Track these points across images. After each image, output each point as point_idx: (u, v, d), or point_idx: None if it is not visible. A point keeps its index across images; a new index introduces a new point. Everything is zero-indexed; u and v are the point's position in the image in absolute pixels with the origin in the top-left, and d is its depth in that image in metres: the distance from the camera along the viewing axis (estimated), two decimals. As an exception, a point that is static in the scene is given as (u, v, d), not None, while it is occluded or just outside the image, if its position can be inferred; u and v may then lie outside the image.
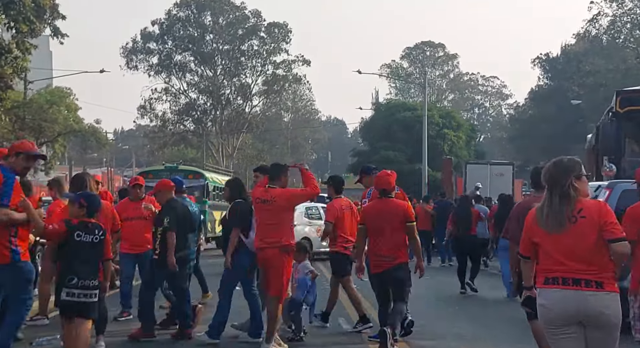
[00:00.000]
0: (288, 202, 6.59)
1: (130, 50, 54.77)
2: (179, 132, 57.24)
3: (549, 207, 3.85)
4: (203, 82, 56.27)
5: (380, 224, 6.57)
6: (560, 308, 3.74)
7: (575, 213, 3.82)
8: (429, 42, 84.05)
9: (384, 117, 40.11)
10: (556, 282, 3.75)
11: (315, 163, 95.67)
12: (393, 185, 6.78)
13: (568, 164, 3.91)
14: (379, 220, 6.57)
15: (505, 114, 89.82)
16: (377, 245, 6.61)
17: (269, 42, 55.22)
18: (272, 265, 6.50)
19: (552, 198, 3.85)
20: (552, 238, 3.83)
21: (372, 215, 6.67)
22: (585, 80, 48.58)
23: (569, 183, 3.83)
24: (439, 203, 18.19)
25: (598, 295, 3.70)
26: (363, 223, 6.78)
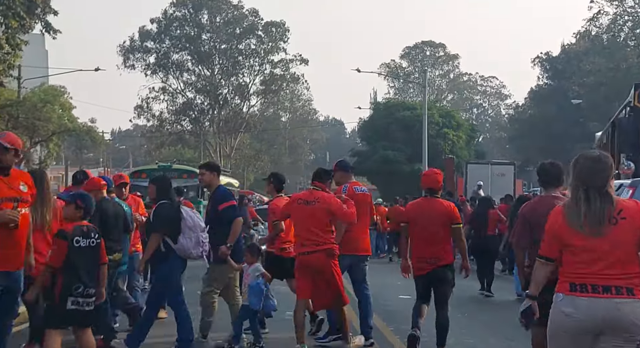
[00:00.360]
0: (327, 204, 6.46)
1: (128, 49, 54.31)
2: (176, 132, 56.84)
3: (587, 207, 3.56)
4: (200, 82, 55.87)
5: (424, 224, 6.33)
6: (589, 317, 3.49)
7: (615, 214, 3.55)
8: (429, 42, 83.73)
9: (383, 116, 39.68)
10: (585, 290, 3.50)
11: (313, 163, 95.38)
12: (440, 184, 6.58)
13: (607, 161, 3.65)
14: (423, 220, 6.33)
15: (504, 114, 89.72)
16: (421, 246, 6.36)
17: (267, 41, 54.81)
18: (320, 269, 6.40)
19: (590, 197, 3.56)
20: (586, 241, 3.55)
21: (416, 215, 6.43)
22: (586, 80, 48.23)
23: (609, 181, 3.60)
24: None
25: (629, 303, 3.46)
26: (406, 222, 6.51)
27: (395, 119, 38.08)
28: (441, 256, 6.31)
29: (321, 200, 6.45)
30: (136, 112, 56.06)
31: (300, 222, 6.51)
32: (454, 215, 6.42)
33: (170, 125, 57.09)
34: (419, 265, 6.37)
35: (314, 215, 6.40)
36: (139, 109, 55.95)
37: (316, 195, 6.52)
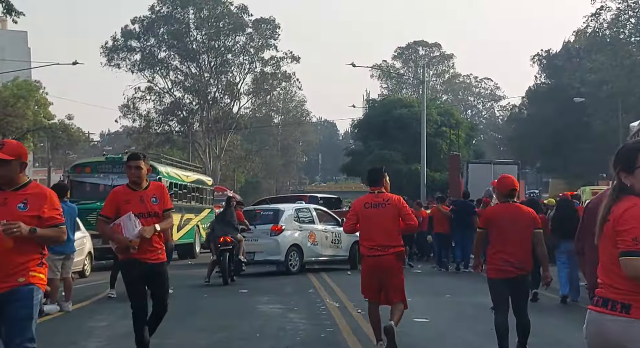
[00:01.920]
0: (397, 208, 6.50)
1: (111, 49, 52.62)
2: (163, 132, 55.13)
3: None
4: (188, 81, 54.19)
5: (508, 229, 6.11)
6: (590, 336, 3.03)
7: None
8: (422, 42, 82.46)
9: (378, 114, 38.04)
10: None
11: (305, 165, 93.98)
12: (517, 188, 6.36)
13: None
14: (507, 224, 6.12)
15: (498, 116, 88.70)
16: (506, 250, 6.11)
17: (257, 39, 53.22)
18: (391, 272, 6.46)
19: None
20: None
21: (496, 220, 6.21)
22: (588, 77, 46.89)
23: None
24: (457, 204, 16.17)
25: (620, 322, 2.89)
26: (484, 228, 6.30)
27: (392, 117, 36.46)
28: (526, 261, 6.16)
29: (392, 202, 6.48)
30: (122, 112, 54.23)
31: (371, 224, 6.47)
32: (537, 219, 6.31)
33: (158, 125, 55.35)
34: (504, 267, 6.09)
35: (385, 217, 6.44)
36: (124, 108, 54.15)
37: (384, 197, 6.53)
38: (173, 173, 19.62)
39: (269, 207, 16.01)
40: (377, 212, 6.40)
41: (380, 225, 6.37)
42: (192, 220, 20.44)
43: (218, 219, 13.09)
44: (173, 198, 17.84)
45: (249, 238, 14.11)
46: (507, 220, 6.08)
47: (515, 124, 58.75)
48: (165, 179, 17.93)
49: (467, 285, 12.57)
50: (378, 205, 6.42)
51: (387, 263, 6.36)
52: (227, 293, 11.49)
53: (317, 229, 15.01)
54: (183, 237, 19.68)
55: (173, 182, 19.03)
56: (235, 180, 59.82)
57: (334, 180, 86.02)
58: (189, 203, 20.51)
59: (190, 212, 20.39)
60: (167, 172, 18.97)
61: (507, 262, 6.01)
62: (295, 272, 14.24)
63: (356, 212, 6.57)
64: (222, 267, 12.41)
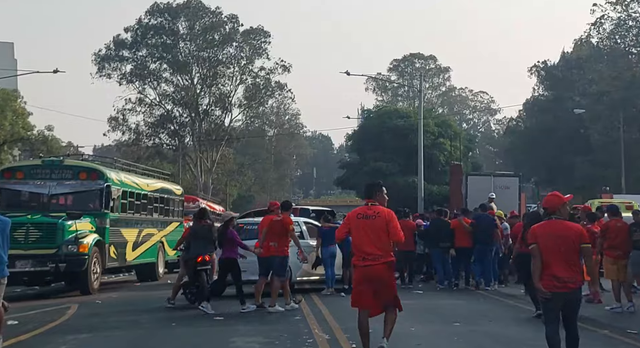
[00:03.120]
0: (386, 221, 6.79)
1: (103, 57, 51.63)
2: (154, 145, 54.05)
3: None
4: (179, 92, 53.14)
5: (552, 245, 6.27)
6: None
7: None
8: (418, 54, 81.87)
9: (374, 125, 36.77)
10: None
11: (300, 179, 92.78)
12: (558, 206, 6.44)
13: None
14: (551, 241, 6.29)
15: (494, 129, 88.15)
16: (549, 267, 6.27)
17: (247, 49, 52.27)
18: (381, 279, 6.73)
19: None
20: None
21: (544, 236, 6.36)
22: (588, 88, 45.95)
23: None
24: (477, 218, 14.90)
25: None
26: (535, 243, 6.47)
27: (388, 128, 35.20)
28: (575, 276, 6.22)
29: (382, 215, 6.79)
30: (110, 125, 53.05)
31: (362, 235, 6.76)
32: (584, 234, 6.38)
33: (148, 138, 54.25)
34: (553, 282, 6.23)
35: (375, 228, 6.72)
36: (113, 121, 53.00)
37: (375, 209, 6.84)
38: (127, 180, 16.69)
39: (254, 220, 14.29)
40: (368, 223, 6.71)
41: (370, 235, 6.67)
42: (154, 235, 17.82)
43: (194, 236, 11.55)
44: (128, 210, 16.10)
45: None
46: (554, 236, 6.22)
47: (512, 136, 57.77)
48: (115, 187, 15.55)
49: (480, 309, 11.15)
50: (369, 216, 6.75)
51: (377, 272, 6.66)
52: (200, 320, 10.04)
53: (307, 245, 13.48)
54: (142, 256, 17.10)
55: (127, 190, 16.35)
56: (227, 194, 58.57)
57: (328, 193, 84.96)
58: (150, 216, 17.83)
59: (152, 226, 17.80)
60: (119, 179, 16.10)
61: (555, 277, 6.14)
62: (283, 293, 12.74)
63: (349, 221, 6.92)
64: (201, 287, 11.19)
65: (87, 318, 10.34)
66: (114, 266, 15.91)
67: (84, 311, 11.30)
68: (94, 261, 14.26)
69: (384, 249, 6.69)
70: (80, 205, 14.82)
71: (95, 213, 14.80)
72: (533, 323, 9.50)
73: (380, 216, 6.74)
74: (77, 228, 13.84)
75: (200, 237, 11.28)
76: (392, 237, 6.73)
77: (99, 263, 14.56)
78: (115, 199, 15.61)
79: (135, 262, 16.90)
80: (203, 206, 17.09)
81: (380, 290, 6.72)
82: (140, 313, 10.45)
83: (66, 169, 15.14)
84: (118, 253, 15.67)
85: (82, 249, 13.80)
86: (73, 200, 15.04)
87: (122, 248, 15.97)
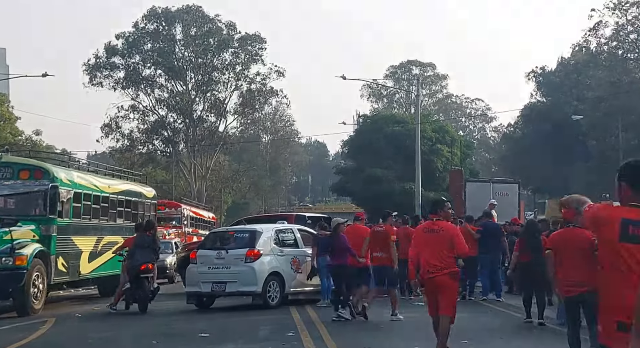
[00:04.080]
0: (451, 236, 7.29)
1: (94, 67, 50.94)
2: (148, 152, 53.45)
3: None
4: (173, 98, 52.56)
5: (569, 251, 6.76)
6: None
7: None
8: (415, 61, 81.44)
9: (370, 130, 36.10)
10: None
11: (295, 186, 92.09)
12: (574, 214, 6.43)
13: None
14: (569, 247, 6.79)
15: (490, 136, 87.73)
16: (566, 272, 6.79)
17: (243, 55, 51.77)
18: (444, 289, 7.16)
19: None
20: None
21: (562, 243, 6.95)
22: (586, 94, 45.46)
23: None
24: (483, 225, 14.28)
25: None
26: (550, 249, 7.15)
27: (384, 134, 34.55)
28: (590, 280, 6.20)
29: (445, 229, 7.30)
30: (103, 132, 52.38)
31: (427, 248, 7.26)
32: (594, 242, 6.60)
33: (142, 145, 53.63)
34: (568, 288, 6.69)
35: (439, 242, 7.19)
36: (106, 128, 52.34)
37: (440, 224, 7.32)
38: (82, 180, 14.44)
39: (244, 228, 13.58)
40: (433, 237, 7.21)
41: (434, 248, 7.14)
42: (118, 244, 15.05)
43: (139, 245, 12.10)
44: (82, 215, 14.09)
45: (219, 266, 11.98)
46: (572, 243, 6.69)
47: (509, 143, 57.22)
48: (65, 188, 13.39)
49: (488, 323, 10.41)
50: (434, 231, 7.25)
51: (440, 281, 7.10)
52: (186, 338, 9.33)
53: (301, 254, 12.81)
54: (102, 268, 14.87)
55: (82, 192, 14.14)
56: (222, 201, 57.89)
57: (323, 201, 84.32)
58: (114, 222, 15.63)
59: (116, 234, 15.47)
60: (70, 179, 13.85)
61: (572, 281, 6.57)
62: (275, 306, 12.03)
63: (416, 236, 7.58)
64: (143, 294, 11.83)
65: (62, 336, 9.66)
66: (64, 280, 13.78)
67: (59, 327, 10.58)
68: (35, 276, 12.07)
69: (447, 261, 7.17)
70: (21, 209, 12.80)
71: (39, 219, 12.59)
72: (546, 337, 8.82)
73: (444, 231, 7.26)
74: (13, 237, 11.71)
75: (145, 247, 11.94)
76: (458, 251, 7.27)
77: (43, 278, 12.32)
78: (65, 202, 13.40)
79: (94, 275, 14.75)
80: (150, 219, 15.60)
81: (439, 298, 7.18)
82: (119, 329, 9.74)
83: (4, 167, 12.94)
84: (69, 265, 13.44)
85: (18, 262, 11.63)
86: (12, 204, 13.03)
87: (75, 259, 13.79)
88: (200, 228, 28.39)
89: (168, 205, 25.10)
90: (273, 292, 12.13)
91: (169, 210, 21.38)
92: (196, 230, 27.22)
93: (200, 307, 12.27)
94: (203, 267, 12.10)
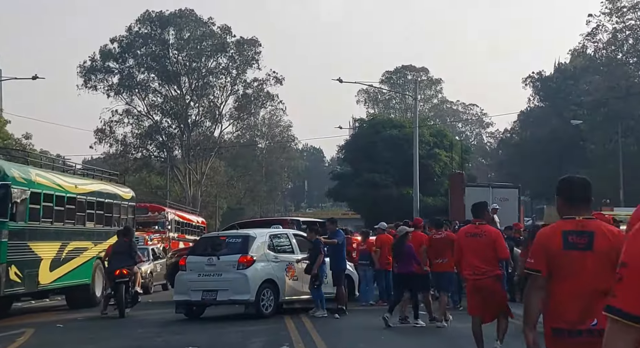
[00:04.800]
0: (493, 240, 7.41)
1: (89, 69, 50.58)
2: (142, 157, 52.99)
3: None
4: (168, 103, 52.12)
5: None
6: None
7: None
8: (410, 66, 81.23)
9: (367, 135, 35.65)
10: None
11: (291, 192, 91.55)
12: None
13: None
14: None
15: (486, 142, 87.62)
16: None
17: (239, 60, 51.38)
18: (491, 293, 7.32)
19: None
20: None
21: None
22: (584, 100, 45.15)
23: None
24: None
25: None
26: None
27: (381, 138, 34.04)
28: None
29: (488, 234, 7.48)
30: (97, 137, 51.87)
31: (470, 251, 7.46)
32: None
33: (136, 150, 53.18)
34: None
35: (482, 245, 7.40)
36: (100, 133, 51.86)
37: (483, 228, 7.53)
38: (42, 179, 12.92)
39: (237, 233, 12.92)
40: (476, 241, 7.35)
41: (478, 251, 7.28)
42: (88, 250, 14.09)
43: (116, 251, 12.39)
44: (42, 218, 12.66)
45: (210, 273, 11.39)
46: None
47: (506, 148, 56.91)
48: (19, 188, 11.97)
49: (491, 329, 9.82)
50: (477, 234, 7.38)
51: (485, 284, 7.25)
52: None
53: (297, 260, 12.23)
54: (68, 277, 13.35)
55: (41, 192, 12.64)
56: (217, 207, 57.35)
57: (320, 207, 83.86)
58: (82, 226, 14.08)
59: (85, 239, 14.11)
60: (26, 177, 12.38)
61: None
62: (269, 315, 11.42)
63: (459, 241, 7.67)
64: (118, 299, 11.94)
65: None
66: (20, 292, 12.31)
67: (38, 338, 9.97)
68: None
69: (491, 264, 7.33)
70: None
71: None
72: None
73: (486, 234, 7.40)
74: None
75: (121, 253, 12.14)
76: (499, 255, 7.42)
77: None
78: (19, 203, 11.93)
79: (57, 285, 13.21)
80: (127, 225, 14.86)
81: (489, 300, 7.31)
82: (99, 342, 9.12)
83: None
84: (24, 275, 11.98)
85: None
86: None
87: (33, 268, 12.30)
88: (187, 234, 27.23)
89: (150, 208, 23.94)
90: (267, 301, 11.53)
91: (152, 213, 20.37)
92: (182, 236, 26.02)
93: (189, 316, 11.69)
94: (193, 274, 11.53)
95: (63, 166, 15.45)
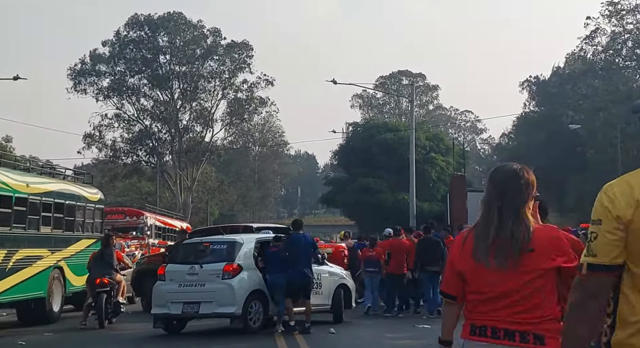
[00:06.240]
0: None
1: (79, 72, 49.81)
2: (132, 162, 52.09)
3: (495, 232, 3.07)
4: (158, 108, 51.28)
5: None
6: None
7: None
8: (405, 72, 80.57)
9: (362, 138, 34.76)
10: (484, 334, 3.07)
11: (283, 198, 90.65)
12: None
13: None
14: None
15: (480, 148, 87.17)
16: None
17: (230, 64, 50.59)
18: None
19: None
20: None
21: None
22: (582, 104, 44.49)
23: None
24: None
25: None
26: None
27: (377, 142, 33.19)
28: None
29: None
30: (85, 142, 50.94)
31: None
32: None
33: (126, 155, 52.29)
34: None
35: None
36: (88, 138, 50.93)
37: None
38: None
39: (222, 238, 11.61)
40: None
41: None
42: (42, 258, 12.37)
43: (95, 259, 12.10)
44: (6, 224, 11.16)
45: (192, 283, 10.38)
46: None
47: (502, 154, 56.20)
48: None
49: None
50: None
51: None
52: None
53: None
54: (16, 290, 11.54)
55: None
56: (208, 213, 56.41)
57: (312, 213, 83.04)
58: (36, 231, 12.37)
59: (39, 245, 12.46)
60: None
61: None
62: (257, 329, 10.42)
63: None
64: (98, 309, 11.62)
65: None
66: None
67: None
68: None
69: None
70: None
71: None
72: None
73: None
74: None
75: (100, 260, 11.95)
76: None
77: None
78: None
79: (1, 299, 11.45)
80: (108, 233, 13.80)
81: None
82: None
83: None
84: None
85: None
86: None
87: None
88: (170, 240, 25.65)
89: (128, 213, 22.45)
90: (255, 314, 10.46)
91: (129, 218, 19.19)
92: (164, 242, 24.54)
93: (169, 331, 10.67)
94: (173, 284, 10.48)
95: (14, 162, 13.61)
